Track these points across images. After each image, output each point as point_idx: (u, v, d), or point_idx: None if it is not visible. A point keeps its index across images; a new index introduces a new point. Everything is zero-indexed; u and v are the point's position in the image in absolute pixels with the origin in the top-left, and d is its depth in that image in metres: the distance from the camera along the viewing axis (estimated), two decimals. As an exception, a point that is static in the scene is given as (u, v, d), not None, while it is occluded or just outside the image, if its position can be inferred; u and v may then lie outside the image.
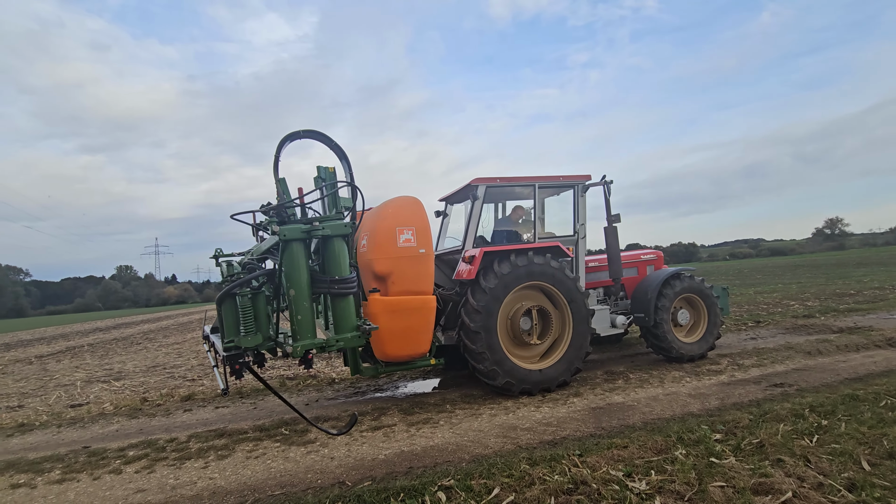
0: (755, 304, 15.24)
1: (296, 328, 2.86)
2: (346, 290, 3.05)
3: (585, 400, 6.03)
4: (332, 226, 2.95)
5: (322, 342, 2.99)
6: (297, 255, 2.81)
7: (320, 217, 3.00)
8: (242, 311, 2.64)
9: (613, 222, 7.49)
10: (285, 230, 2.75)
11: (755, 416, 4.80)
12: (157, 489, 4.32)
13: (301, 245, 2.83)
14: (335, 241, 3.03)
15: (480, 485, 3.77)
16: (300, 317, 2.83)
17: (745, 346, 8.40)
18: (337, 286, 3.02)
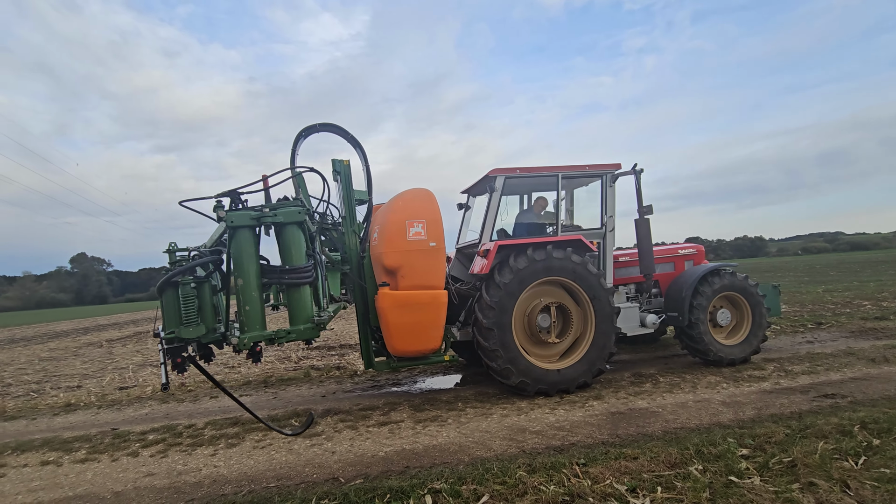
0: (822, 303, 13.88)
1: (243, 319, 2.78)
2: (297, 280, 2.94)
3: (606, 404, 5.65)
4: (284, 212, 2.84)
5: (271, 334, 2.91)
6: (244, 243, 2.71)
7: (272, 203, 2.90)
8: (184, 300, 2.58)
9: (645, 214, 6.97)
10: (233, 216, 2.66)
11: (793, 431, 4.27)
12: (165, 474, 4.46)
13: (250, 232, 2.74)
14: (288, 229, 2.92)
15: (470, 491, 3.58)
16: (248, 307, 2.74)
17: (798, 351, 7.61)
18: (287, 276, 2.92)
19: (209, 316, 2.76)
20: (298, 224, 2.90)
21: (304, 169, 2.99)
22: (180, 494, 4.04)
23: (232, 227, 2.66)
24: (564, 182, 6.95)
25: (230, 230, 2.66)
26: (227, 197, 2.71)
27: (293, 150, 6.47)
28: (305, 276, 2.93)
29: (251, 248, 2.74)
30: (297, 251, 2.92)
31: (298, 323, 3.04)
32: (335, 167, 6.42)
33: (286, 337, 2.95)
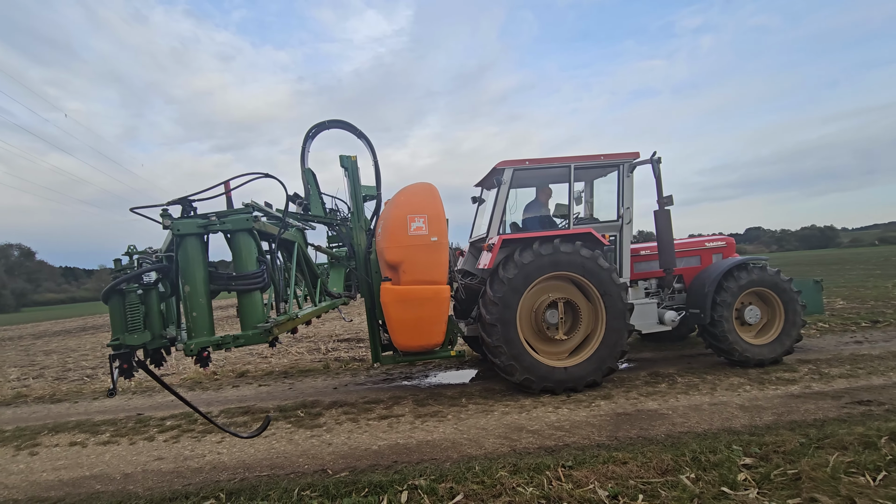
0: (887, 300, 12.65)
1: (190, 325, 2.85)
2: (245, 287, 2.98)
3: (614, 404, 5.43)
4: (232, 220, 2.87)
5: (218, 339, 2.97)
6: (192, 251, 2.77)
7: (221, 211, 2.94)
8: (129, 307, 2.66)
9: (665, 205, 6.58)
10: (178, 224, 2.71)
11: (809, 440, 3.92)
12: (172, 458, 4.73)
13: (197, 240, 2.79)
14: (238, 236, 2.95)
15: (446, 489, 3.55)
16: (195, 314, 2.80)
17: (841, 352, 6.97)
18: (234, 282, 2.96)
19: (156, 322, 2.85)
20: (247, 231, 2.94)
21: (258, 175, 3.00)
22: (181, 479, 4.26)
23: (178, 235, 2.72)
24: (579, 173, 6.70)
25: (176, 238, 2.73)
26: (178, 204, 2.78)
27: (303, 149, 6.61)
28: (254, 283, 2.98)
29: (198, 256, 2.79)
30: (248, 258, 2.97)
31: (248, 328, 3.10)
32: (342, 163, 6.51)
33: (234, 342, 3.01)
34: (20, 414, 6.80)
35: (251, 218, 2.89)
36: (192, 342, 2.82)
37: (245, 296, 3.00)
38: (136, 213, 2.69)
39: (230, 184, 3.00)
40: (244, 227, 2.88)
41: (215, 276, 2.92)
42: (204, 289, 2.80)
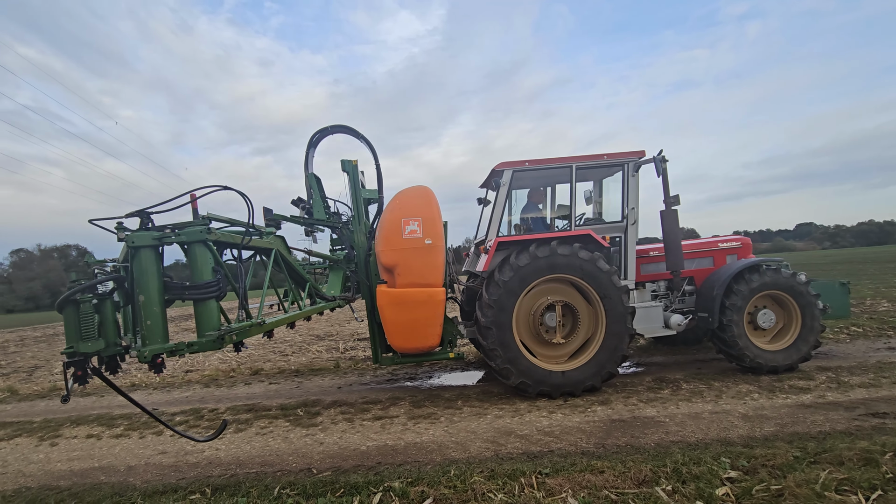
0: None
1: (144, 333, 2.96)
2: (199, 296, 3.08)
3: (610, 410, 5.30)
4: (187, 232, 2.98)
5: (172, 346, 3.08)
6: (146, 262, 2.87)
7: (177, 224, 3.04)
8: (83, 316, 2.77)
9: (672, 205, 6.35)
10: (133, 237, 2.83)
11: (805, 454, 3.72)
12: (174, 453, 4.96)
13: (152, 251, 2.90)
14: (194, 247, 3.05)
15: (418, 492, 3.57)
16: (149, 322, 2.91)
17: (868, 359, 6.54)
18: (188, 292, 3.07)
19: (111, 331, 2.97)
20: (202, 242, 3.04)
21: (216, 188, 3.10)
22: (177, 472, 4.47)
23: (133, 247, 2.84)
24: (581, 174, 6.55)
25: (131, 250, 2.85)
26: (136, 216, 2.91)
27: (307, 154, 6.77)
28: (208, 292, 3.08)
29: (152, 267, 2.90)
30: (203, 268, 3.07)
31: (201, 335, 3.21)
32: (343, 167, 6.63)
33: (187, 349, 3.13)
34: (51, 406, 7.30)
35: (205, 230, 3.00)
36: (146, 349, 2.95)
37: (200, 304, 3.12)
38: (95, 224, 2.83)
39: (195, 195, 3.12)
40: (198, 238, 3.00)
41: (170, 286, 3.04)
42: (158, 298, 2.92)
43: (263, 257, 4.28)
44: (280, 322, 4.42)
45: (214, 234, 3.17)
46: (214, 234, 3.17)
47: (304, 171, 6.73)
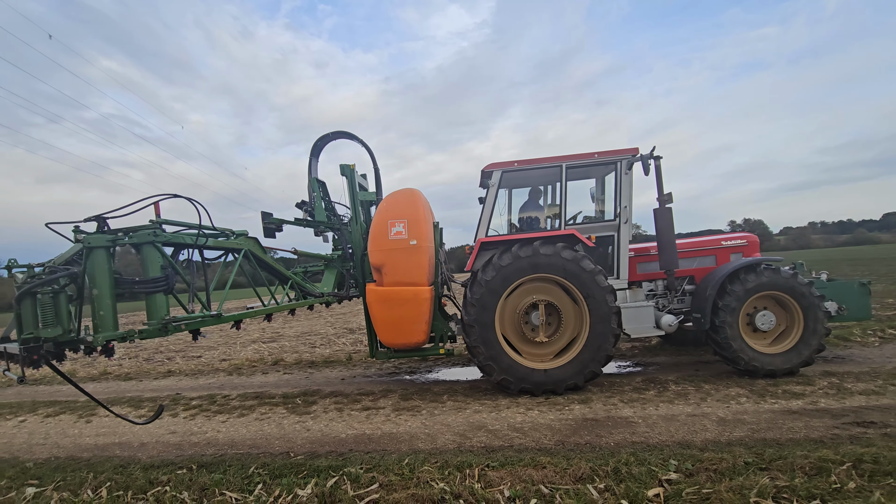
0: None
1: (97, 322, 3.37)
2: (147, 290, 3.48)
3: (588, 408, 5.34)
4: (137, 235, 3.39)
5: (123, 333, 3.48)
6: (99, 261, 3.29)
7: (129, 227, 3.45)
8: (42, 306, 3.20)
9: (665, 203, 6.22)
10: (90, 239, 3.25)
11: (757, 460, 3.66)
12: (182, 433, 5.56)
13: (105, 252, 3.31)
14: (144, 248, 3.47)
15: (369, 478, 3.86)
16: (102, 312, 3.33)
17: (885, 365, 6.10)
18: (136, 286, 3.47)
19: (65, 320, 3.38)
20: (150, 244, 3.45)
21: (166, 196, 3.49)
22: (178, 450, 5.03)
23: (88, 247, 3.27)
24: (572, 172, 6.54)
25: (86, 250, 3.28)
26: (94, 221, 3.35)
27: (310, 161, 7.22)
28: (155, 287, 3.48)
29: (105, 265, 3.33)
30: (152, 266, 3.49)
31: (148, 323, 3.61)
32: (342, 171, 7.01)
33: (137, 335, 3.55)
34: (98, 388, 8.24)
35: (153, 233, 3.42)
36: (99, 335, 3.38)
37: (149, 297, 3.54)
38: (51, 228, 3.29)
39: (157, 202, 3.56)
40: (147, 240, 3.42)
41: (120, 282, 3.48)
42: (109, 292, 3.36)
43: (235, 255, 4.69)
44: (244, 315, 4.82)
45: (164, 237, 3.60)
46: (164, 237, 3.60)
47: (308, 175, 7.18)
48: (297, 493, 3.66)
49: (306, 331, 15.08)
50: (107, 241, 3.32)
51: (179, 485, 3.99)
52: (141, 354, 12.56)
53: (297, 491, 3.70)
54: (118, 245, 3.42)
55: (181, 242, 3.86)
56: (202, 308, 4.13)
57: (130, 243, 3.46)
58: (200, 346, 13.27)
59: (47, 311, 3.22)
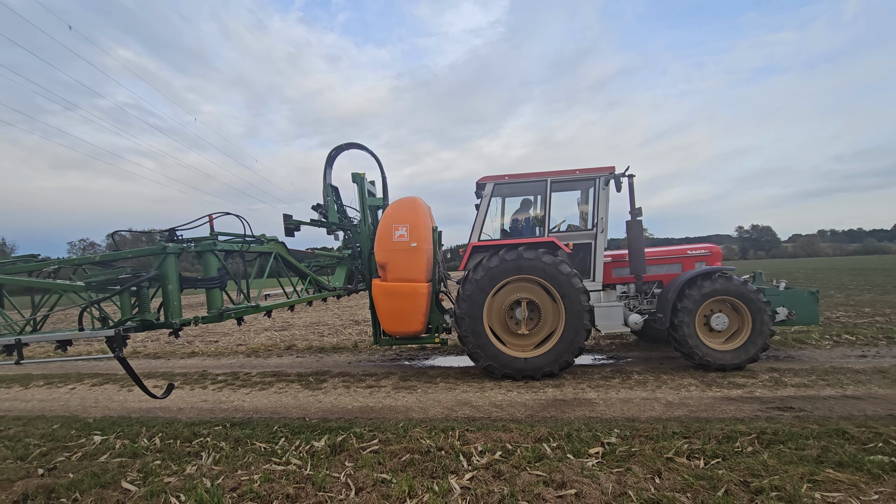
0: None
1: (171, 310, 4.29)
2: (207, 286, 4.42)
3: (559, 391, 6.24)
4: (200, 245, 4.35)
5: (188, 320, 4.41)
6: (172, 264, 4.21)
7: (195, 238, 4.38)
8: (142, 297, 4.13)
9: (636, 216, 7.08)
10: (168, 247, 4.16)
11: (683, 430, 4.54)
12: (212, 401, 6.52)
13: (174, 257, 4.21)
14: (205, 255, 4.41)
15: (371, 435, 4.79)
16: (175, 303, 4.27)
17: (824, 364, 6.92)
18: (199, 283, 4.40)
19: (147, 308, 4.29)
20: (210, 251, 4.40)
21: (220, 214, 4.43)
22: (211, 413, 5.99)
23: (166, 253, 4.17)
24: (556, 186, 7.41)
25: (163, 255, 4.18)
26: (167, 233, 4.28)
27: (325, 168, 8.13)
28: (212, 283, 4.42)
29: (175, 266, 4.27)
30: (209, 267, 4.44)
31: (210, 311, 4.55)
32: (353, 179, 7.92)
33: (201, 321, 4.49)
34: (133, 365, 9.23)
35: (212, 243, 4.36)
36: (176, 320, 4.31)
37: (208, 291, 4.48)
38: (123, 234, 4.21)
39: (212, 216, 4.49)
40: (208, 248, 4.36)
41: (186, 279, 4.41)
42: (178, 287, 4.29)
43: (267, 257, 5.64)
44: (275, 306, 5.76)
45: (219, 245, 4.54)
46: (219, 245, 4.54)
47: (323, 181, 8.10)
48: (313, 444, 4.59)
49: (315, 321, 16.04)
50: (179, 249, 4.25)
51: (217, 437, 4.95)
52: (162, 338, 13.59)
53: (313, 443, 4.64)
54: (186, 251, 4.36)
55: (230, 250, 4.80)
56: (244, 300, 5.07)
57: (195, 250, 4.40)
58: (217, 332, 14.30)
59: (145, 301, 4.16)
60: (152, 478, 4.02)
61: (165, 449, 4.73)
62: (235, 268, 5.10)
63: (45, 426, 5.64)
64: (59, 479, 4.09)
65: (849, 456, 3.82)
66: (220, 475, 3.99)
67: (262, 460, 4.30)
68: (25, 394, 7.49)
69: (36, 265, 4.42)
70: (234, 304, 4.88)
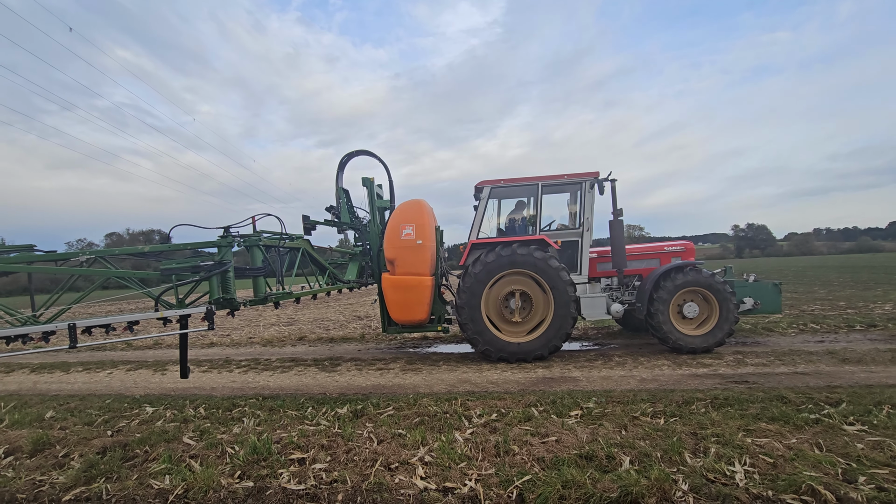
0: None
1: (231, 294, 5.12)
2: (253, 274, 5.25)
3: (548, 371, 7.07)
4: (247, 241, 5.20)
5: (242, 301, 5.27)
6: (229, 255, 5.06)
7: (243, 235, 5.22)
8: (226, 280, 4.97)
9: (618, 216, 7.92)
10: (224, 242, 4.98)
11: (650, 398, 5.37)
12: (240, 382, 7.34)
13: (229, 249, 5.05)
14: (252, 249, 5.27)
15: (385, 404, 5.61)
16: (233, 287, 5.11)
17: (785, 348, 7.78)
18: (247, 272, 5.24)
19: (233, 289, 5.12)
20: (255, 246, 5.24)
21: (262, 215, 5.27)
22: (242, 391, 6.80)
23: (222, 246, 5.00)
24: (547, 189, 8.25)
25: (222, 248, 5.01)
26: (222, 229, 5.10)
27: (337, 173, 8.94)
28: (258, 272, 5.26)
29: (230, 258, 5.11)
30: (255, 259, 5.28)
31: (256, 296, 5.38)
32: (363, 183, 8.75)
33: (249, 304, 5.32)
34: (159, 353, 10.04)
35: (257, 239, 5.19)
36: (235, 302, 5.13)
37: (254, 279, 5.31)
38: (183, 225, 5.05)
39: (255, 217, 5.32)
40: (253, 243, 5.19)
41: (237, 269, 5.24)
42: (232, 274, 5.12)
43: (296, 251, 6.48)
44: (304, 294, 6.60)
45: (263, 241, 5.37)
46: (263, 241, 5.37)
47: (335, 185, 8.92)
48: (338, 411, 5.41)
49: (319, 317, 16.81)
50: (233, 244, 5.09)
51: (254, 406, 5.77)
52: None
53: (337, 410, 5.45)
54: (237, 245, 5.19)
55: (270, 244, 5.63)
56: (281, 287, 5.90)
57: (244, 245, 5.23)
58: (228, 327, 15.07)
59: (229, 283, 4.98)
60: (207, 435, 4.84)
61: (210, 416, 5.54)
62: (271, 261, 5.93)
63: (98, 401, 6.43)
64: (128, 436, 4.90)
65: (781, 413, 4.67)
66: (263, 433, 4.81)
67: (296, 422, 5.12)
68: (69, 377, 8.29)
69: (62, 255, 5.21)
70: (274, 291, 5.72)
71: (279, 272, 5.70)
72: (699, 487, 3.33)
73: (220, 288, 5.08)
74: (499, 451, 4.06)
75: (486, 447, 4.17)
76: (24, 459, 4.51)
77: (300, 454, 4.22)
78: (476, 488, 3.45)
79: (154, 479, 3.85)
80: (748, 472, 3.54)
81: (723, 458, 3.75)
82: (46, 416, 5.81)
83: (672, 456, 3.81)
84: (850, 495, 3.12)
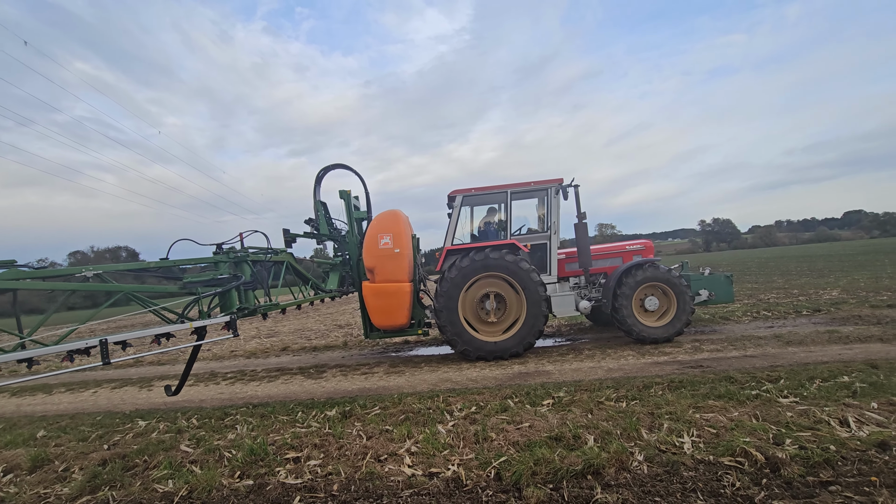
0: (881, 290, 13.20)
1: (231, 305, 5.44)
2: (244, 288, 5.58)
3: (522, 366, 7.55)
4: (237, 256, 5.55)
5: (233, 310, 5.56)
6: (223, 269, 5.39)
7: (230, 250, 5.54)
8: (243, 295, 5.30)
9: (582, 219, 8.49)
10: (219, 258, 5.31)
11: (614, 385, 5.89)
12: (229, 393, 7.55)
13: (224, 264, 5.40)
14: (241, 264, 5.61)
15: (372, 404, 5.97)
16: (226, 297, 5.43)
17: (738, 335, 8.48)
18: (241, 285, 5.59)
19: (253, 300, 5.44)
20: (244, 261, 5.57)
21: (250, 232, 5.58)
22: (231, 401, 7.04)
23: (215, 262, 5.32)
24: (516, 196, 8.75)
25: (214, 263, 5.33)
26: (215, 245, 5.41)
27: (315, 187, 9.24)
28: (248, 285, 5.58)
29: (225, 272, 5.44)
30: (245, 274, 5.60)
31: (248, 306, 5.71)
32: (340, 196, 9.08)
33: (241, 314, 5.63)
34: (142, 371, 10.11)
35: (245, 255, 5.51)
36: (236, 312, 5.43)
37: (245, 292, 5.63)
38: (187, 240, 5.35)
39: (242, 234, 5.63)
40: (242, 259, 5.51)
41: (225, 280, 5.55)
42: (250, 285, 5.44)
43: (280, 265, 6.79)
44: (289, 304, 6.91)
45: (251, 256, 5.70)
46: (251, 256, 5.70)
47: (313, 198, 9.22)
48: (327, 413, 5.75)
49: (299, 327, 16.96)
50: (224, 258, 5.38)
51: (245, 414, 6.04)
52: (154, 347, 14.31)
53: (326, 412, 5.79)
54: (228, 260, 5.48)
55: (257, 259, 5.94)
56: (268, 299, 6.20)
57: (233, 260, 5.52)
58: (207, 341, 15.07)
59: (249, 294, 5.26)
60: (203, 442, 5.11)
61: (204, 425, 5.79)
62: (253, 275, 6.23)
63: (89, 419, 6.58)
64: (126, 448, 5.12)
65: (727, 392, 5.25)
66: (258, 437, 5.11)
67: (288, 426, 5.44)
68: (52, 398, 8.33)
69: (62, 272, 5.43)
70: (262, 303, 6.03)
71: (266, 285, 6.01)
72: (652, 457, 3.83)
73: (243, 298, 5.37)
74: (478, 439, 4.49)
75: (466, 436, 4.60)
76: (25, 476, 4.69)
77: (295, 453, 4.56)
78: (458, 471, 3.86)
79: (158, 484, 4.13)
80: (695, 441, 4.06)
81: (674, 431, 4.27)
82: (39, 436, 5.95)
83: (630, 433, 4.31)
84: (777, 455, 3.66)
